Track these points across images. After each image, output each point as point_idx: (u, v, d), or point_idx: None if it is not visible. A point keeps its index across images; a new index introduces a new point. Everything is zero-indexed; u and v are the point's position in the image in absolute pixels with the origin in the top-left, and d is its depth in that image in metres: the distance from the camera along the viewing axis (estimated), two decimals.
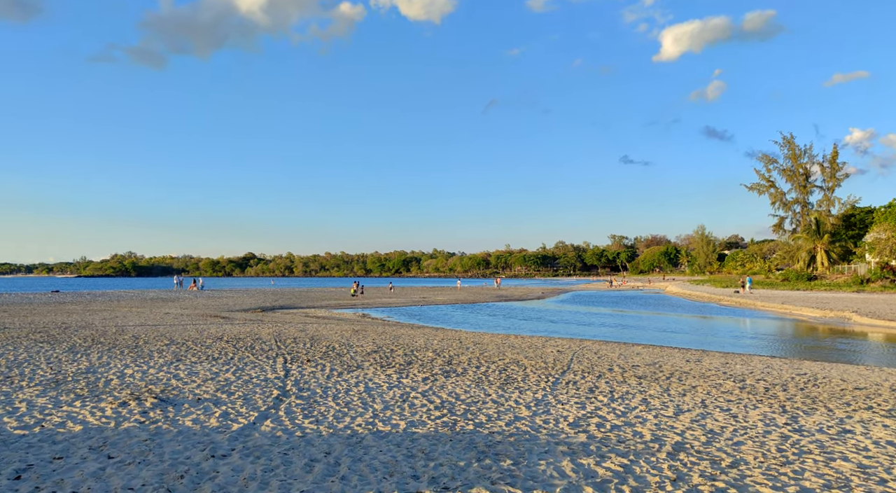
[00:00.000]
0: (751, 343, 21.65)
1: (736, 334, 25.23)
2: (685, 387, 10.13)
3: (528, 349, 15.82)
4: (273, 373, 10.98)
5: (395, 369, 11.71)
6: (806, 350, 19.36)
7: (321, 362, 12.58)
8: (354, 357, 13.48)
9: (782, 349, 19.60)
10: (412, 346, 15.95)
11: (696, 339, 22.91)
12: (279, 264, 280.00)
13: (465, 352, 14.91)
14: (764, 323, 30.91)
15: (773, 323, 30.83)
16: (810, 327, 28.14)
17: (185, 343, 15.72)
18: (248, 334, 18.41)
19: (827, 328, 27.07)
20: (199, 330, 19.76)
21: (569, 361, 13.54)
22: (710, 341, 22.24)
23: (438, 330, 23.03)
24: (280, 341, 16.75)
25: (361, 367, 12.03)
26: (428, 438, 6.42)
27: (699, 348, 18.46)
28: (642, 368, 12.54)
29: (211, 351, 14.14)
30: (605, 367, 12.56)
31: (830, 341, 22.07)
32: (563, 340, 19.36)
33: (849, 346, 20.92)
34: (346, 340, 17.19)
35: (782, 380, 11.13)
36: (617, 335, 24.00)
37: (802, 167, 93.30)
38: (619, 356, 14.59)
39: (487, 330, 25.69)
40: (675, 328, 27.80)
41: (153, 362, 12.02)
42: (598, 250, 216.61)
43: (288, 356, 13.49)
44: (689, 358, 14.54)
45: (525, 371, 11.78)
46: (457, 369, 12.00)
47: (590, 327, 28.24)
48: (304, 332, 19.66)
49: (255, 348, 15.01)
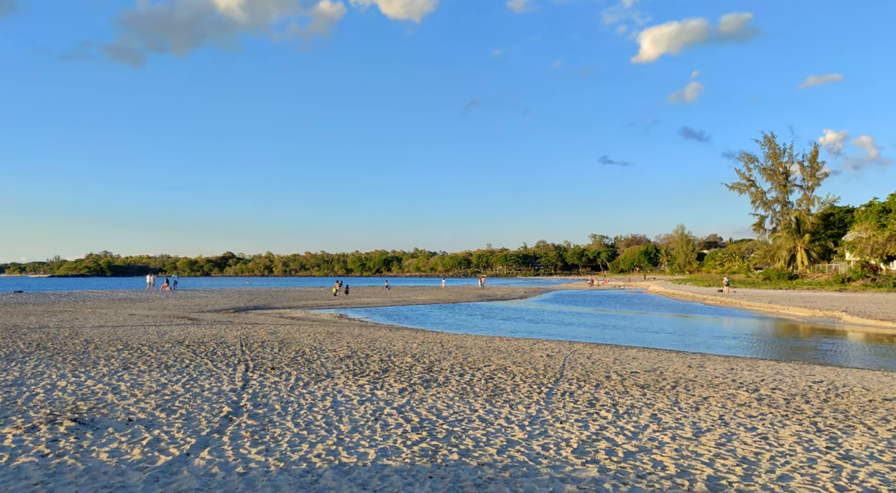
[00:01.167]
0: (748, 345, 20.67)
1: (730, 336, 24.28)
2: (696, 399, 8.98)
3: (516, 354, 14.62)
4: (230, 384, 9.64)
5: (370, 379, 10.42)
6: (809, 353, 18.39)
7: (287, 370, 11.26)
8: (325, 364, 12.17)
9: (784, 352, 18.60)
10: (390, 350, 14.67)
11: (689, 340, 21.90)
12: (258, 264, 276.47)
13: (448, 357, 13.67)
14: (754, 323, 30.07)
15: (764, 323, 30.00)
16: (803, 327, 27.33)
17: (140, 348, 14.28)
18: (213, 338, 17.01)
19: (820, 328, 26.26)
20: (161, 333, 18.30)
21: (561, 367, 12.35)
22: (705, 342, 21.24)
23: (418, 332, 21.76)
24: (246, 345, 15.38)
25: (332, 376, 10.73)
26: (402, 474, 5.16)
27: (697, 352, 17.41)
28: (642, 375, 11.39)
29: (166, 357, 12.74)
30: (601, 374, 11.39)
31: (830, 343, 21.17)
32: (551, 342, 18.20)
33: (850, 348, 20.03)
34: (319, 344, 15.86)
35: (800, 389, 10.04)
36: (605, 337, 22.92)
37: (783, 166, 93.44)
38: (615, 361, 13.44)
39: (470, 332, 24.47)
40: (665, 329, 26.82)
41: (95, 372, 10.61)
42: (578, 250, 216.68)
43: (251, 363, 12.14)
44: (691, 363, 13.42)
45: (514, 380, 10.56)
46: (438, 377, 10.75)
47: (577, 328, 27.15)
48: (274, 335, 18.28)
49: (217, 353, 13.63)
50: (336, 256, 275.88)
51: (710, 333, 25.36)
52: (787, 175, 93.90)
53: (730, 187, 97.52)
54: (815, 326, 27.51)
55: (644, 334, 24.48)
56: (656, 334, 24.52)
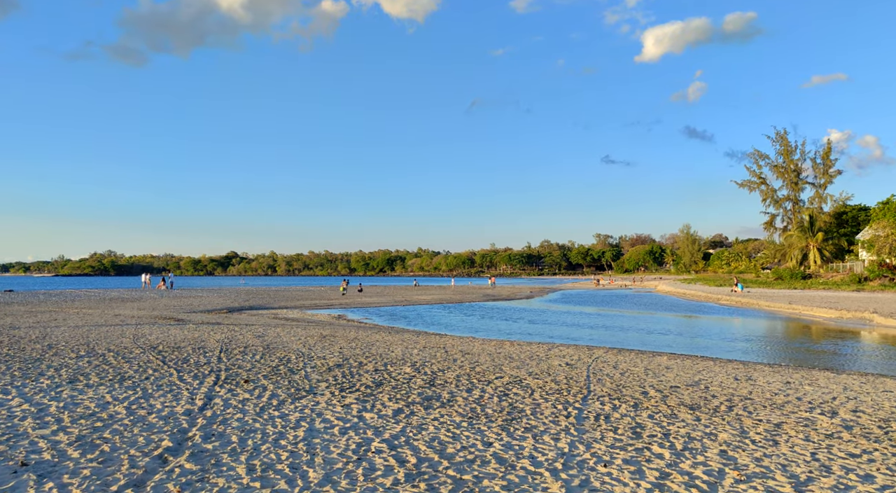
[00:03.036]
0: (788, 351, 18.72)
1: (761, 339, 22.36)
2: (766, 427, 7.14)
3: (530, 361, 12.80)
4: (187, 403, 7.86)
5: (359, 396, 8.63)
6: (862, 361, 16.44)
7: (263, 384, 9.48)
8: (309, 375, 10.38)
9: (833, 360, 16.50)
10: (387, 358, 12.87)
11: (719, 345, 20.02)
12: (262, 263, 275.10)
13: (453, 366, 11.87)
14: (782, 326, 28.16)
15: (792, 326, 28.08)
16: (835, 329, 25.42)
17: (103, 355, 12.53)
18: (193, 341, 15.26)
19: (853, 331, 24.35)
20: (137, 336, 16.57)
21: (586, 379, 10.53)
22: (737, 347, 19.35)
23: (420, 335, 19.95)
24: (226, 350, 13.62)
25: (314, 391, 8.94)
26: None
27: (734, 358, 15.54)
28: (685, 390, 9.57)
29: (128, 366, 10.98)
30: (636, 389, 9.57)
31: (877, 349, 19.26)
32: (568, 348, 16.36)
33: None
34: (308, 349, 14.09)
35: (887, 411, 8.19)
36: (625, 341, 21.07)
37: (794, 164, 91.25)
38: (646, 372, 11.61)
39: (476, 334, 22.66)
40: (687, 331, 24.92)
41: (33, 386, 8.84)
42: (583, 249, 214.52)
43: (224, 374, 10.37)
44: (736, 374, 11.56)
45: (533, 397, 8.75)
46: (441, 393, 8.95)
47: (592, 331, 25.30)
48: (261, 338, 16.52)
49: (190, 361, 11.86)
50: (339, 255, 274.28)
51: (738, 336, 23.47)
52: (799, 173, 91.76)
53: (740, 185, 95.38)
54: (847, 328, 25.59)
55: (665, 337, 22.62)
56: (679, 336, 22.64)
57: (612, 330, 25.49)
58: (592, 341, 20.47)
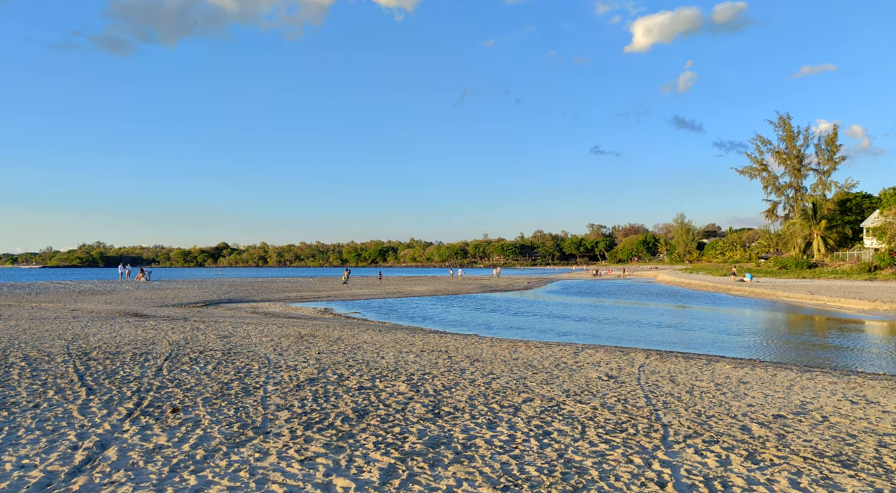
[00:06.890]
0: (863, 354, 15.88)
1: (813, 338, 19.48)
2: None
3: (559, 372, 9.99)
4: (63, 458, 5.00)
5: (331, 439, 5.79)
6: None
7: (197, 414, 6.65)
8: (269, 398, 7.54)
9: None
10: (375, 367, 10.03)
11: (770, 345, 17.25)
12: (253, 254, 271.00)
13: (461, 380, 9.04)
14: (820, 320, 25.47)
15: (830, 320, 25.39)
16: (891, 325, 22.78)
17: (11, 367, 9.66)
18: (140, 344, 12.40)
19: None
20: (78, 336, 13.73)
21: (646, 402, 7.73)
22: (796, 348, 16.62)
23: (416, 334, 17.10)
24: (174, 357, 10.76)
25: (266, 430, 6.10)
26: None
27: (815, 366, 12.78)
28: (796, 423, 6.78)
29: (27, 383, 8.12)
30: (727, 421, 6.77)
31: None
32: (597, 350, 13.54)
33: None
34: (279, 355, 11.23)
35: None
36: (651, 338, 18.32)
37: (797, 150, 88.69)
38: (718, 388, 8.82)
39: (481, 332, 19.85)
40: (718, 327, 22.07)
41: None
42: (576, 239, 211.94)
43: (150, 397, 7.51)
44: (843, 392, 8.75)
45: (587, 437, 5.95)
46: (453, 431, 6.13)
47: (610, 326, 22.50)
48: (225, 339, 13.68)
49: (118, 375, 9.00)
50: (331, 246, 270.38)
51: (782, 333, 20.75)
52: (802, 159, 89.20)
53: (740, 172, 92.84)
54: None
55: (698, 334, 19.86)
56: (714, 333, 19.81)
57: (631, 325, 22.73)
58: (617, 340, 17.71)
